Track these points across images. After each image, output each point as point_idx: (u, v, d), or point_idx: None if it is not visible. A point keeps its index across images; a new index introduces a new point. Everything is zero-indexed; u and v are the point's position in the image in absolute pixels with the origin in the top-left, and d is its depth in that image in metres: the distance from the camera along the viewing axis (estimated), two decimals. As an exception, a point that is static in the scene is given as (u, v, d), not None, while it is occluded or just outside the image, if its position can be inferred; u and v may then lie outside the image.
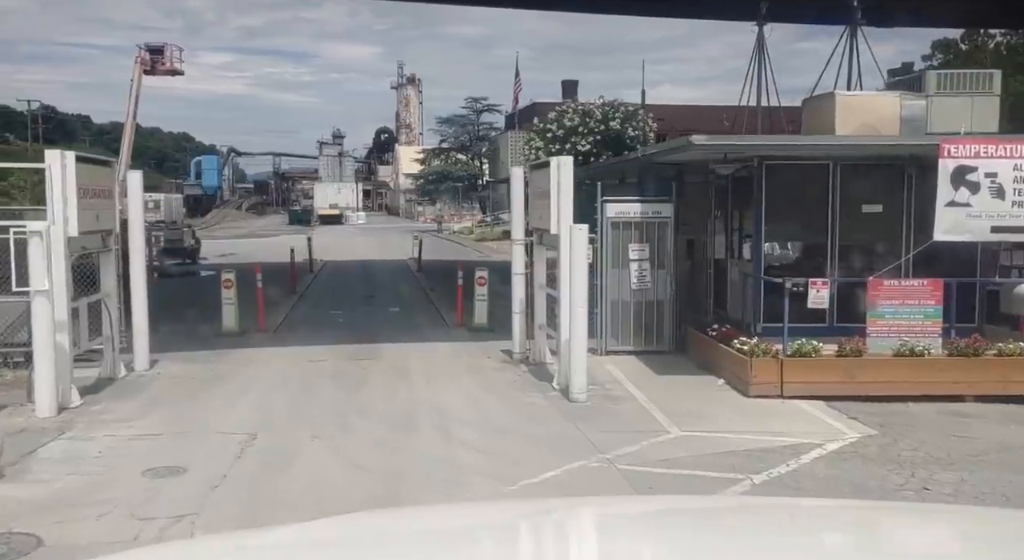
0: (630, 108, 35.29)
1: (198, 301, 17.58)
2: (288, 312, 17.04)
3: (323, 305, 18.59)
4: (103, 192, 10.39)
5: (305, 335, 14.42)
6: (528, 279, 12.28)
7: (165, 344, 12.93)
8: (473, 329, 14.70)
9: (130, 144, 34.96)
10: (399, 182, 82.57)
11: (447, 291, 20.70)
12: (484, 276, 14.96)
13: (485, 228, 46.51)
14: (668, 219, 12.44)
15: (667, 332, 12.43)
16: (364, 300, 19.26)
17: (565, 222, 9.98)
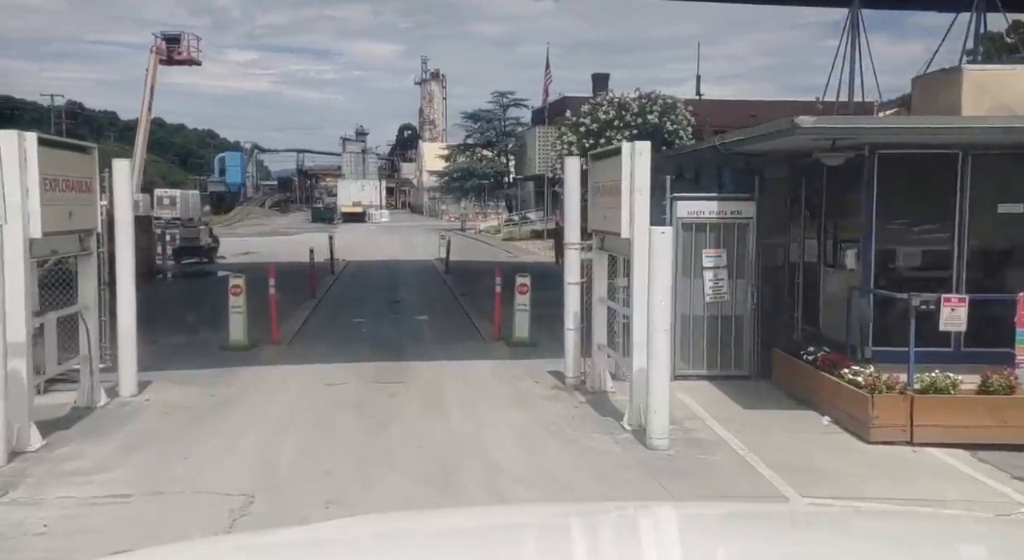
0: (668, 101, 33.15)
1: (209, 306, 15.76)
2: (305, 320, 15.17)
3: (344, 312, 16.70)
4: (80, 184, 8.52)
5: (323, 349, 12.53)
6: (584, 289, 10.31)
7: (162, 360, 11.12)
8: (513, 343, 12.73)
9: (145, 137, 33.29)
10: (422, 179, 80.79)
11: (479, 296, 18.76)
12: (526, 284, 12.98)
13: (512, 227, 44.52)
14: (749, 220, 10.40)
15: (747, 354, 10.39)
16: (389, 306, 17.35)
17: (641, 224, 8.00)
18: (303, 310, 16.29)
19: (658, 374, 7.51)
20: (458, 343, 13.19)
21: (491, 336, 13.44)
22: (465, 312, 16.45)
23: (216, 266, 27.32)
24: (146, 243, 23.71)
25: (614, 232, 8.55)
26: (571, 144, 32.98)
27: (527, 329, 12.84)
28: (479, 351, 12.55)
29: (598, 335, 9.66)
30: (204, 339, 13.06)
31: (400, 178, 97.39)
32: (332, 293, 19.44)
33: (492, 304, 16.98)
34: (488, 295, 18.78)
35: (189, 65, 35.98)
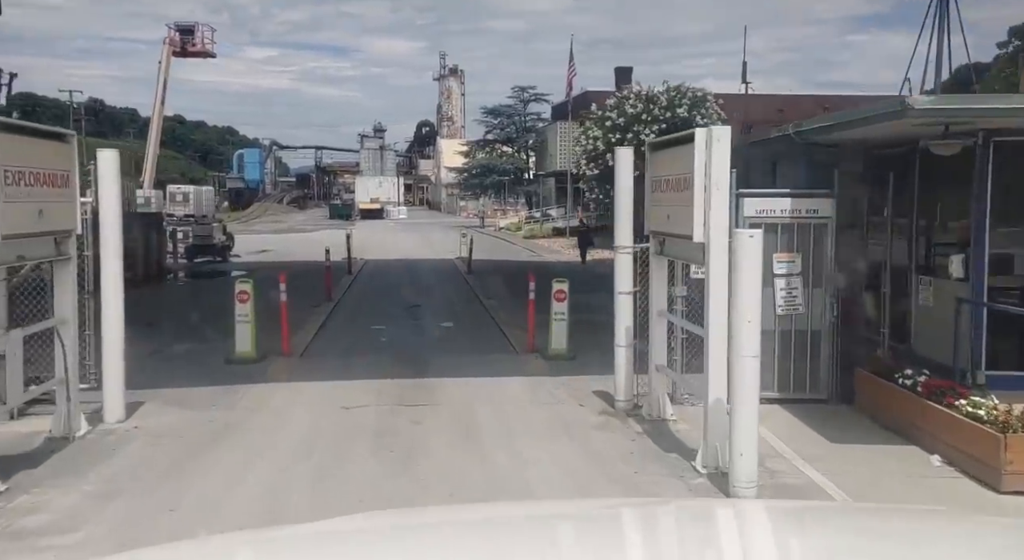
0: (698, 93, 31.57)
1: (218, 310, 14.46)
2: (319, 327, 13.83)
3: (362, 317, 15.37)
4: (54, 178, 7.19)
5: (338, 363, 11.19)
6: (634, 299, 8.90)
7: (158, 376, 9.84)
8: (549, 357, 11.34)
9: (159, 131, 32.12)
10: (440, 176, 79.49)
11: (507, 299, 17.38)
12: (563, 290, 11.57)
13: (533, 225, 43.10)
14: (827, 220, 8.94)
15: (825, 374, 8.94)
16: (410, 311, 15.99)
17: (719, 225, 6.58)
18: (318, 315, 14.97)
19: (745, 409, 6.08)
20: (488, 355, 11.81)
21: (524, 347, 12.04)
22: (492, 318, 15.07)
23: (230, 265, 26.11)
24: (157, 241, 22.54)
25: (681, 234, 7.13)
26: (596, 139, 31.53)
27: (565, 341, 11.45)
28: (512, 366, 11.15)
29: (656, 354, 8.24)
30: (210, 349, 11.76)
31: (418, 175, 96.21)
32: (349, 295, 18.12)
33: (521, 308, 15.62)
34: (516, 298, 17.40)
35: (203, 57, 34.75)
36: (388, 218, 64.56)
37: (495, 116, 54.26)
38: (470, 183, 56.07)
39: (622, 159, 8.98)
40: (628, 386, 8.72)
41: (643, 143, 28.72)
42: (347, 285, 19.67)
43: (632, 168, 8.92)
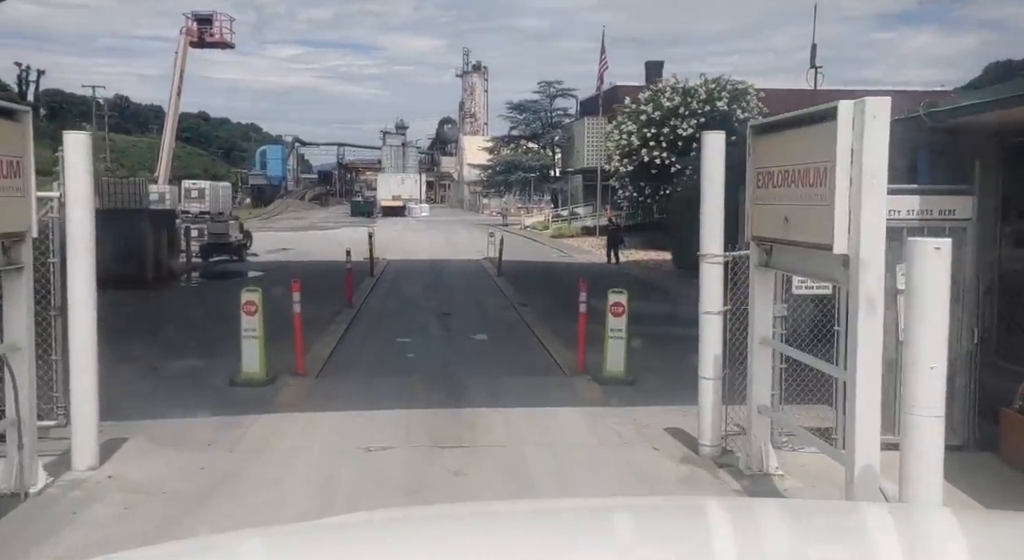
0: (738, 86, 29.68)
1: (229, 317, 12.90)
2: (338, 340, 12.18)
3: (385, 327, 13.71)
4: (0, 166, 5.55)
5: (360, 385, 9.53)
6: (725, 319, 7.16)
7: (151, 402, 8.28)
8: (605, 380, 9.61)
9: (174, 124, 30.67)
10: (463, 173, 77.87)
11: (543, 306, 15.67)
12: (622, 303, 9.82)
13: (561, 223, 41.32)
14: (966, 223, 7.12)
15: (961, 414, 7.13)
16: (438, 320, 14.30)
17: (872, 231, 4.83)
18: (338, 325, 13.33)
19: (923, 486, 4.33)
20: (532, 378, 10.10)
21: (572, 367, 10.32)
22: (530, 329, 13.36)
23: (246, 265, 24.60)
24: (168, 240, 21.05)
25: (810, 243, 5.38)
26: (630, 134, 29.76)
27: (623, 362, 9.70)
28: (562, 391, 9.43)
29: (759, 392, 6.47)
30: (215, 366, 10.16)
31: (440, 172, 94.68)
32: (372, 301, 16.46)
33: (561, 316, 13.98)
34: (553, 304, 15.71)
35: (222, 47, 33.27)
36: (410, 216, 63.10)
37: (520, 111, 52.47)
38: (494, 180, 54.35)
39: (711, 146, 7.20)
40: (715, 428, 6.97)
41: (679, 137, 26.88)
42: (369, 288, 18.03)
43: (724, 156, 7.16)
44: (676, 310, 16.48)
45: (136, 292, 17.37)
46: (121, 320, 14.93)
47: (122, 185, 22.03)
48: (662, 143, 28.82)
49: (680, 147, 28.62)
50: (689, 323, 14.18)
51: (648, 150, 28.89)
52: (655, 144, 28.88)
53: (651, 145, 28.90)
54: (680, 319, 14.56)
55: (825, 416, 7.32)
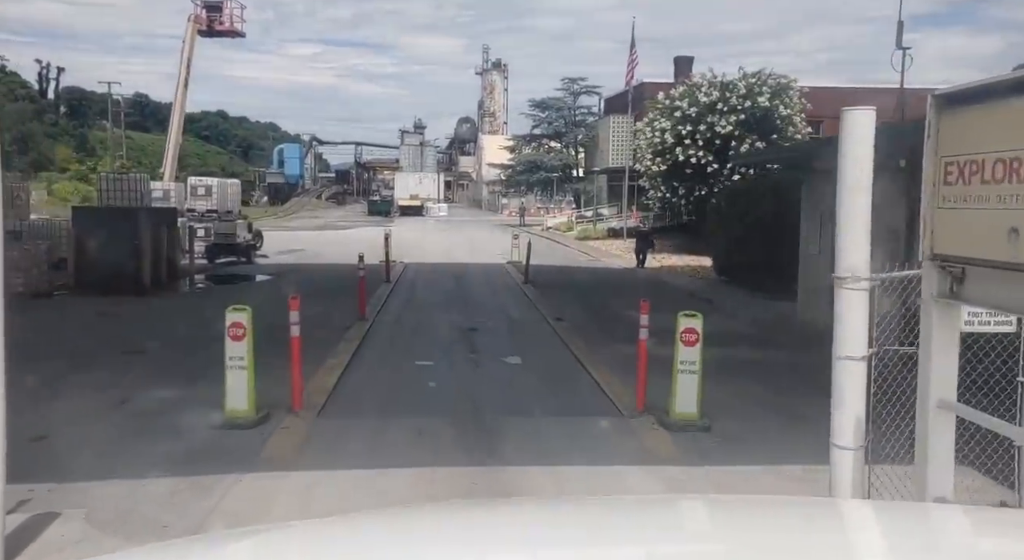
0: (781, 80, 27.59)
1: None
2: (348, 363, 10.28)
3: (402, 346, 11.82)
4: None
5: (370, 431, 7.62)
6: (869, 366, 5.17)
7: (110, 452, 6.53)
8: (673, 424, 7.67)
9: (181, 117, 28.96)
10: (482, 172, 76.02)
11: (580, 320, 13.74)
12: (695, 330, 7.86)
13: (586, 225, 39.32)
14: None
15: None
16: (463, 338, 12.38)
17: None
18: (348, 342, 11.46)
19: None
20: (583, 419, 8.15)
21: (631, 405, 8.37)
22: (570, 349, 11.42)
23: (255, 267, 22.82)
24: (169, 241, 19.30)
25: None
26: (663, 131, 27.71)
27: (696, 402, 7.74)
28: (624, 440, 7.48)
29: (938, 479, 4.49)
30: (201, 397, 8.31)
31: (458, 171, 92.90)
32: (387, 313, 14.57)
33: (601, 332, 12.15)
34: (592, 318, 13.81)
35: (232, 36, 31.51)
36: (428, 216, 61.36)
37: (543, 109, 50.43)
38: (515, 180, 52.38)
39: (857, 125, 5.19)
40: (857, 516, 4.99)
41: (717, 135, 24.76)
42: (384, 297, 16.16)
43: (872, 139, 5.17)
44: (733, 326, 14.53)
45: (129, 299, 15.61)
46: (104, 334, 13.20)
47: (121, 181, 20.30)
48: (698, 141, 26.77)
49: (718, 145, 26.57)
50: (752, 343, 12.15)
51: (683, 148, 26.85)
52: (691, 142, 26.84)
53: (686, 143, 26.86)
54: (741, 338, 12.49)
55: (975, 483, 5.39)
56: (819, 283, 14.07)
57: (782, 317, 15.12)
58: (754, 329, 13.77)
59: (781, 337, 13.21)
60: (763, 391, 9.32)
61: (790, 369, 10.69)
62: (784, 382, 9.81)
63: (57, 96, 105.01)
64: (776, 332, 13.59)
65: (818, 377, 9.89)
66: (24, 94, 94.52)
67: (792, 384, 9.71)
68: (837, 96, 36.80)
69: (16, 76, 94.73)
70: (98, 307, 14.59)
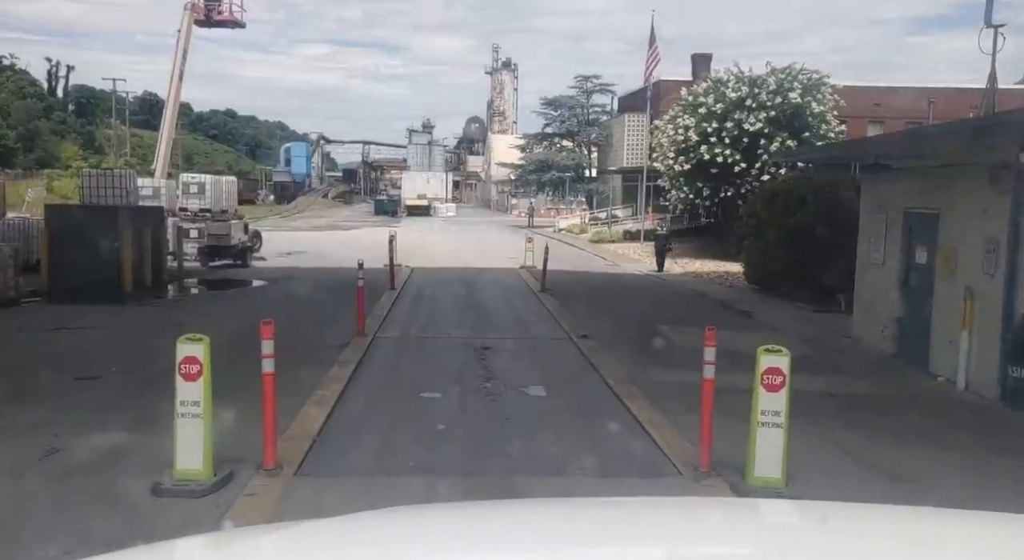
0: (813, 75, 25.74)
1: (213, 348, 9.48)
2: (339, 397, 8.48)
3: (405, 371, 10.04)
4: None
5: (362, 495, 5.83)
6: None
7: (8, 536, 4.67)
8: (751, 490, 5.86)
9: (175, 110, 27.19)
10: (491, 172, 74.22)
11: (610, 338, 11.96)
12: (782, 371, 6.05)
13: (601, 227, 37.47)
14: None
15: None
16: (476, 361, 10.57)
17: None
18: (342, 367, 9.68)
19: None
20: (633, 481, 6.35)
21: (691, 459, 6.56)
22: (601, 376, 9.63)
23: (251, 271, 21.07)
24: (156, 243, 17.58)
25: None
26: (687, 129, 25.87)
27: (781, 463, 5.94)
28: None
29: None
30: (152, 445, 6.60)
31: (467, 171, 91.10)
32: (389, 327, 12.79)
33: (637, 355, 10.43)
34: (622, 336, 12.03)
35: (231, 26, 29.76)
36: (435, 216, 59.62)
37: (555, 107, 48.55)
38: (526, 180, 50.52)
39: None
40: None
41: (745, 133, 22.79)
42: (387, 308, 14.38)
43: None
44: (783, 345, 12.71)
45: (104, 308, 13.88)
46: (60, 352, 11.39)
47: (106, 178, 18.57)
48: (724, 139, 24.92)
49: (745, 143, 24.72)
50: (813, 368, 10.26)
51: (708, 147, 24.99)
52: (716, 140, 24.99)
53: (712, 141, 25.02)
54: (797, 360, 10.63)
55: None
56: (881, 297, 12.27)
57: (833, 334, 13.30)
58: (807, 349, 11.94)
59: (842, 360, 11.40)
60: (849, 438, 7.52)
61: (872, 406, 8.89)
62: (871, 424, 8.02)
63: (66, 94, 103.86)
64: (834, 353, 11.77)
65: (909, 417, 7.89)
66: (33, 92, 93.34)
67: (882, 427, 7.92)
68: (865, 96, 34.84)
69: (25, 74, 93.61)
70: (64, 318, 12.86)
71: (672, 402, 8.33)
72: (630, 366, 10.10)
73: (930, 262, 10.44)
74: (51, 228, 15.51)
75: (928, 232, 10.49)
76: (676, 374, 9.86)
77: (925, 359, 10.30)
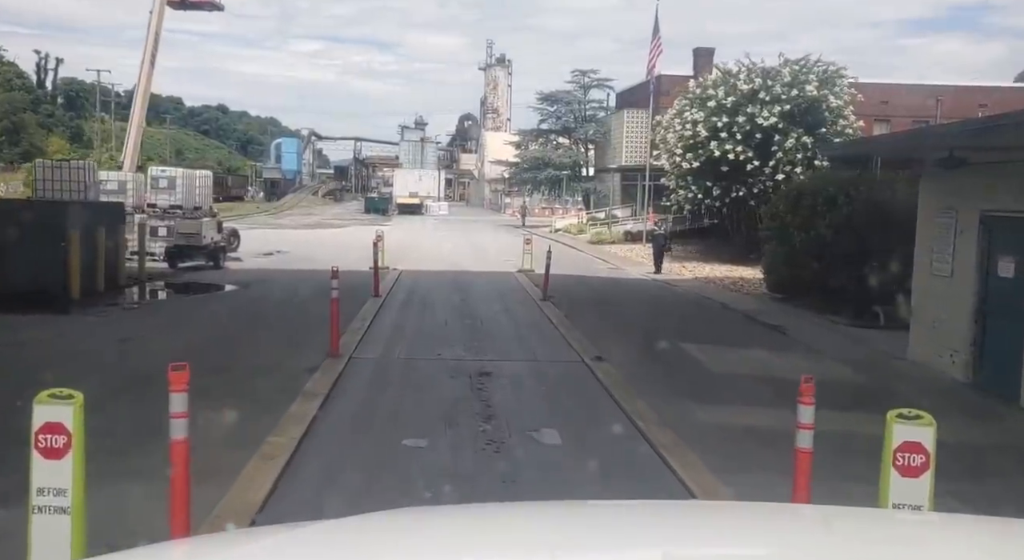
0: (830, 68, 23.87)
1: (152, 378, 7.66)
2: (297, 446, 6.49)
3: (385, 408, 8.02)
4: None
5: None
6: None
7: None
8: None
9: (145, 98, 25.10)
10: (484, 170, 72.21)
11: (630, 360, 10.04)
12: (925, 449, 4.08)
13: (600, 227, 35.54)
14: None
15: None
16: (472, 392, 8.58)
17: None
18: (306, 401, 7.70)
19: None
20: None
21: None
22: (626, 415, 7.69)
23: (223, 274, 19.01)
24: (113, 243, 15.56)
25: None
26: (695, 124, 23.95)
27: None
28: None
29: None
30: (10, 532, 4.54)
31: (459, 169, 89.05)
32: (369, 346, 10.76)
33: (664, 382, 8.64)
34: (643, 354, 10.15)
35: (209, 9, 27.66)
36: (427, 214, 57.62)
37: (551, 103, 46.56)
38: (521, 178, 48.51)
39: None
40: None
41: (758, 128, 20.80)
42: (369, 320, 12.39)
43: None
44: (831, 371, 10.75)
45: (39, 319, 11.88)
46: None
47: (61, 170, 16.56)
48: (735, 135, 23.04)
49: (758, 140, 22.84)
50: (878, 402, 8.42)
51: (719, 143, 23.10)
52: (727, 136, 23.10)
53: (722, 137, 23.12)
54: (854, 392, 8.60)
55: None
56: (948, 316, 10.41)
57: (883, 355, 11.39)
58: (860, 375, 10.05)
59: (909, 391, 9.47)
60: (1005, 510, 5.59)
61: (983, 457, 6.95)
62: (990, 491, 6.10)
63: (55, 87, 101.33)
64: (895, 381, 9.86)
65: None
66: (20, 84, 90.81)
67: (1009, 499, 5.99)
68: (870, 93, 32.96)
69: (14, 66, 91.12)
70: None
71: (723, 456, 6.44)
72: (659, 400, 8.18)
73: (1020, 276, 8.56)
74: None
75: (1017, 240, 8.61)
76: (717, 412, 7.94)
77: (1015, 391, 8.41)
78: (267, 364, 9.27)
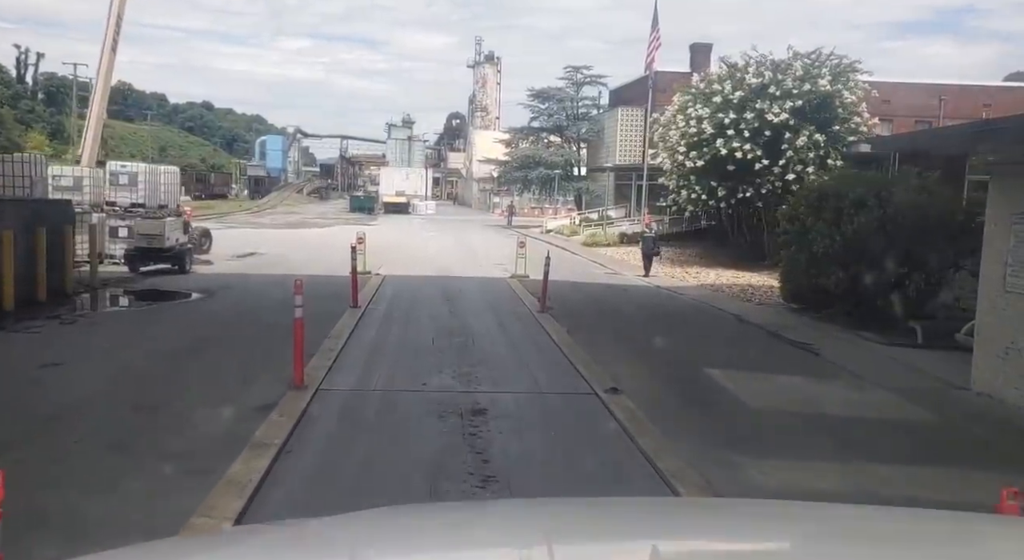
0: (844, 61, 22.32)
1: (69, 413, 5.89)
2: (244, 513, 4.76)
3: (351, 469, 6.26)
4: None
5: None
6: None
7: None
8: None
9: (106, 88, 23.19)
10: (472, 169, 70.44)
11: (649, 390, 8.34)
12: None
13: (594, 228, 33.88)
14: None
15: None
16: (464, 438, 6.85)
17: None
18: (253, 458, 5.96)
19: None
20: None
21: None
22: (660, 476, 6.00)
23: (188, 279, 17.17)
24: (58, 246, 13.74)
25: None
26: (701, 120, 22.33)
27: None
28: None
29: None
30: None
31: (447, 168, 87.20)
32: (341, 374, 8.98)
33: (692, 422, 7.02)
34: (664, 383, 8.55)
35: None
36: (414, 213, 55.83)
37: (543, 100, 44.87)
38: (512, 177, 46.79)
39: None
40: None
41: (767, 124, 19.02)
42: (344, 339, 10.65)
43: None
44: (880, 404, 9.14)
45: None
46: None
47: (4, 163, 14.75)
48: (743, 132, 21.45)
49: (768, 137, 21.26)
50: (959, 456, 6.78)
51: (725, 140, 21.49)
52: (734, 133, 21.50)
53: (729, 135, 21.52)
54: (920, 439, 6.99)
55: None
56: (1022, 339, 8.81)
57: (943, 385, 9.74)
58: (921, 410, 8.42)
59: (989, 435, 7.85)
60: None
61: None
62: None
63: (35, 82, 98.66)
64: (966, 420, 8.24)
65: None
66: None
67: None
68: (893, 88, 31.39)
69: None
70: None
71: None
72: (695, 451, 6.53)
73: None
74: (-95, 226, 11.66)
75: None
76: (773, 469, 6.28)
77: None
78: (214, 398, 7.54)
